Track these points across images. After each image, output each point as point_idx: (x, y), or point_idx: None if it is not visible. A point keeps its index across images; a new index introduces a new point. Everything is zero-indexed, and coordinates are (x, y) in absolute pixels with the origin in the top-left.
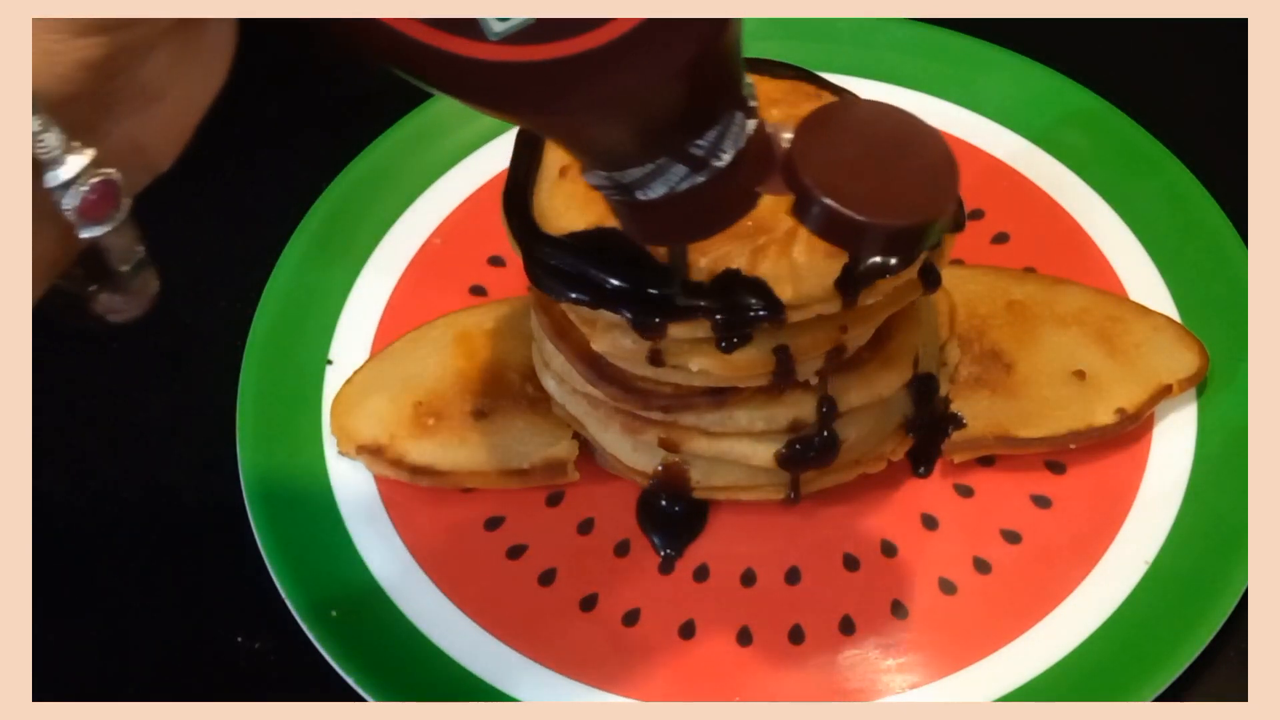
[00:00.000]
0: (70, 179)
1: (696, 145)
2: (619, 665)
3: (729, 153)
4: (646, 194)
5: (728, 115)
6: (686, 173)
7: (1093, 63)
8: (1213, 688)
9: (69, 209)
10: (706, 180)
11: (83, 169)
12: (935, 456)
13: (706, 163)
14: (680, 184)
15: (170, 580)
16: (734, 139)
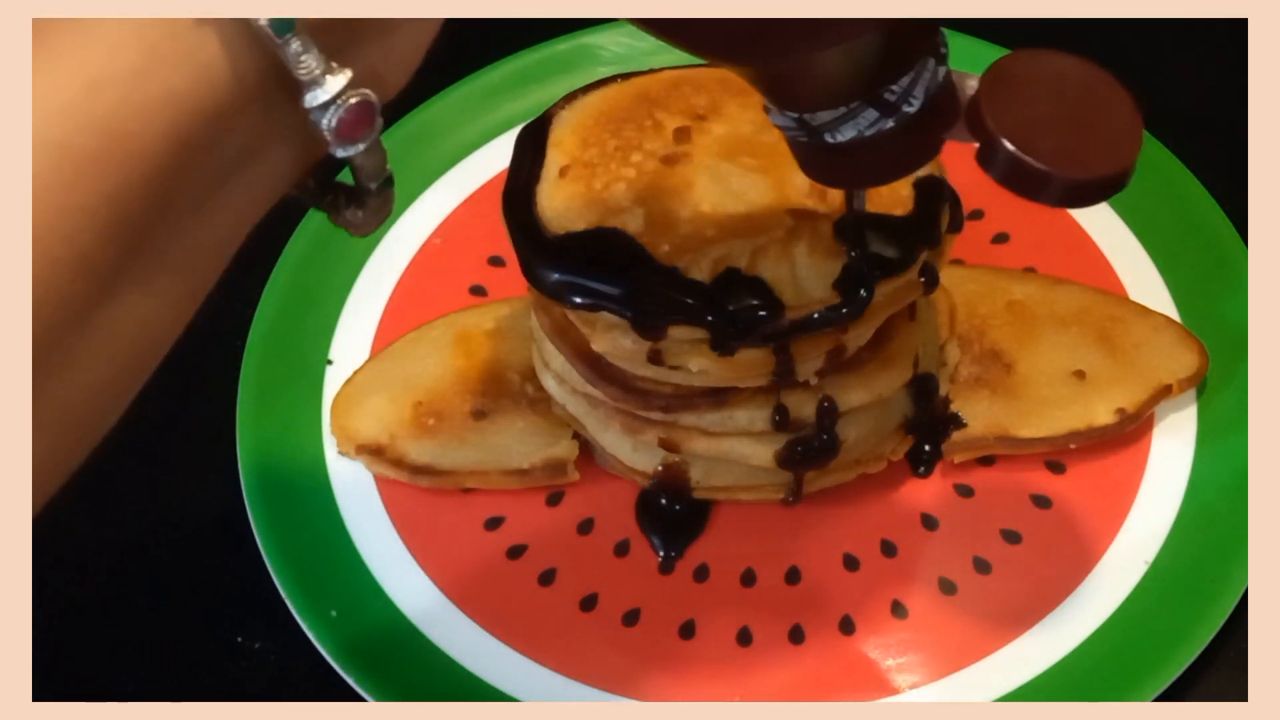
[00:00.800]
0: (329, 99)
1: (890, 90)
2: (619, 665)
3: (920, 99)
4: (835, 137)
5: (922, 61)
6: (877, 117)
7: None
8: (1213, 688)
9: (328, 128)
10: (896, 125)
11: (341, 89)
12: (935, 456)
13: (898, 108)
14: (869, 128)
15: (170, 580)
16: (925, 85)
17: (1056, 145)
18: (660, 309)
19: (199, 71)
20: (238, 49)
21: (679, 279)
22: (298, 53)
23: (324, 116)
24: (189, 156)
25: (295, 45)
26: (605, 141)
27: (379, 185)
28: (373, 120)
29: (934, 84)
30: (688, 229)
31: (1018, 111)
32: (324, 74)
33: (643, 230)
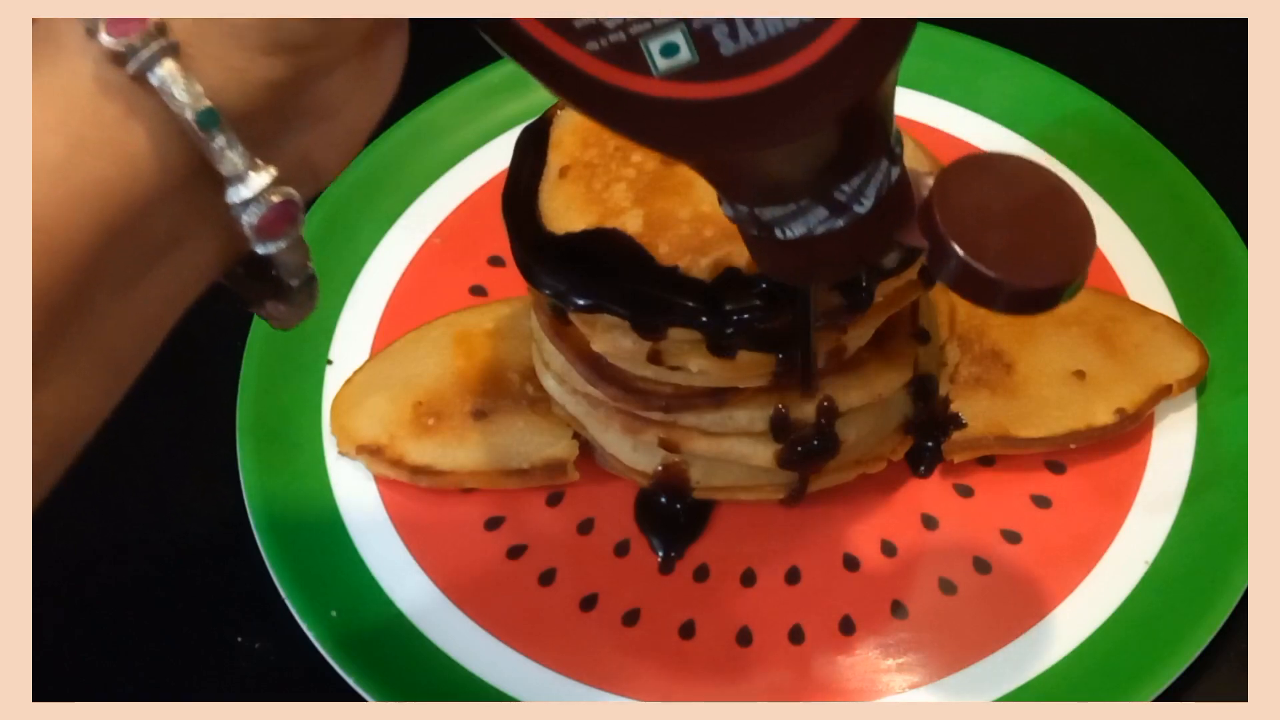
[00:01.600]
0: (251, 196)
1: (841, 190)
2: (619, 665)
3: (870, 199)
4: (784, 233)
5: (874, 162)
6: (827, 216)
7: (1093, 63)
8: (1213, 688)
9: (248, 225)
10: (845, 224)
11: (264, 187)
12: (935, 456)
13: (848, 208)
14: (819, 226)
15: (170, 580)
16: (877, 185)
17: (1007, 251)
18: (660, 310)
19: (125, 162)
20: (164, 139)
21: (679, 279)
22: (222, 147)
23: (245, 212)
24: (113, 244)
25: (220, 140)
26: (605, 142)
27: (301, 282)
28: (295, 218)
29: (886, 184)
30: (688, 229)
31: (970, 215)
32: (247, 169)
33: (642, 231)
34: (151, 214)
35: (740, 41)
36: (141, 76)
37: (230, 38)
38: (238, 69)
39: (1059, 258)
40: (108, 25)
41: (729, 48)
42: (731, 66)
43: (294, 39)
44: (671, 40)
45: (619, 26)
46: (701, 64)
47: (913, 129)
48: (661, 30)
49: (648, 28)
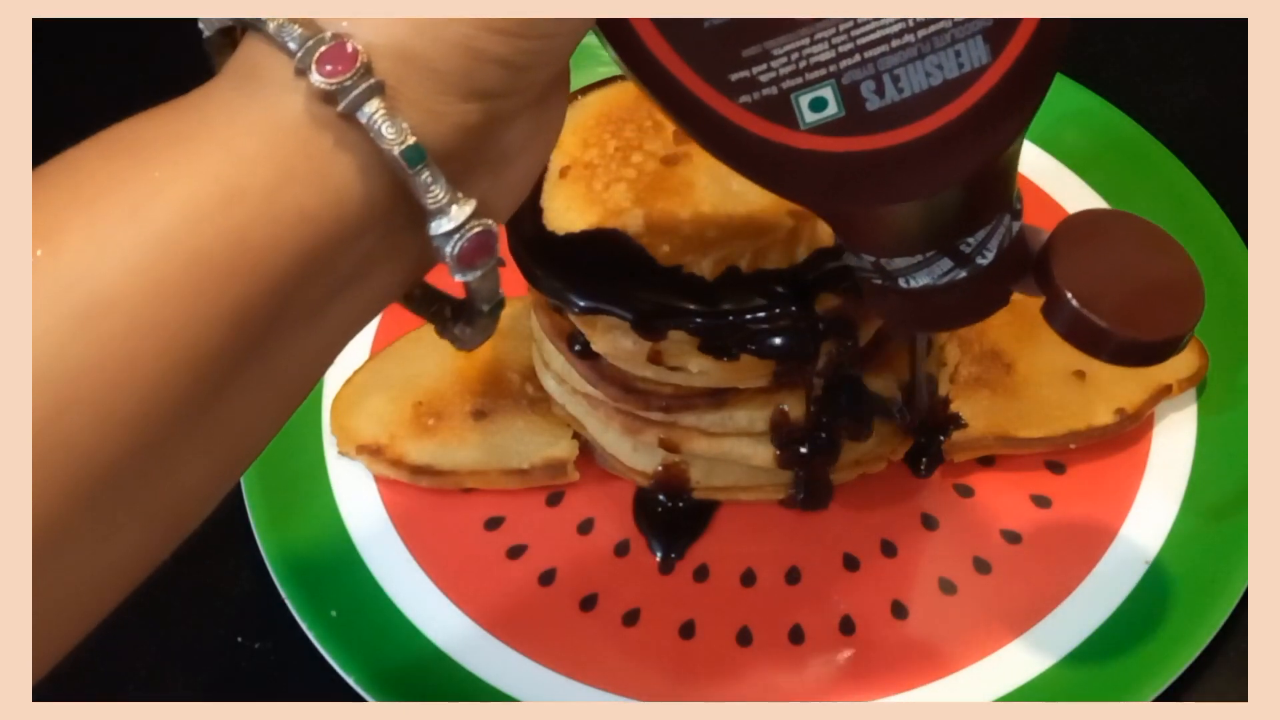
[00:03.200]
0: (454, 228)
1: (965, 243)
2: (619, 665)
3: (993, 251)
4: (909, 283)
5: (999, 216)
6: (951, 267)
7: (1093, 63)
8: (1213, 688)
9: (450, 255)
10: (968, 276)
11: (466, 218)
12: (935, 457)
13: (972, 260)
14: (942, 278)
15: (170, 580)
16: (999, 239)
17: (1119, 305)
18: (661, 311)
19: (331, 193)
20: (369, 173)
21: (680, 280)
22: (427, 183)
23: (447, 244)
24: (311, 272)
25: (425, 175)
26: (605, 142)
27: (491, 307)
28: (492, 249)
29: (1008, 238)
30: (688, 230)
31: (1084, 269)
32: (450, 203)
33: (643, 231)
34: (348, 245)
35: (886, 97)
36: (350, 114)
37: (432, 81)
38: (436, 111)
39: (1168, 313)
40: (317, 65)
41: (875, 103)
42: (876, 121)
43: (489, 86)
44: (821, 95)
45: (772, 81)
46: (848, 117)
47: None
48: (812, 85)
49: (799, 82)
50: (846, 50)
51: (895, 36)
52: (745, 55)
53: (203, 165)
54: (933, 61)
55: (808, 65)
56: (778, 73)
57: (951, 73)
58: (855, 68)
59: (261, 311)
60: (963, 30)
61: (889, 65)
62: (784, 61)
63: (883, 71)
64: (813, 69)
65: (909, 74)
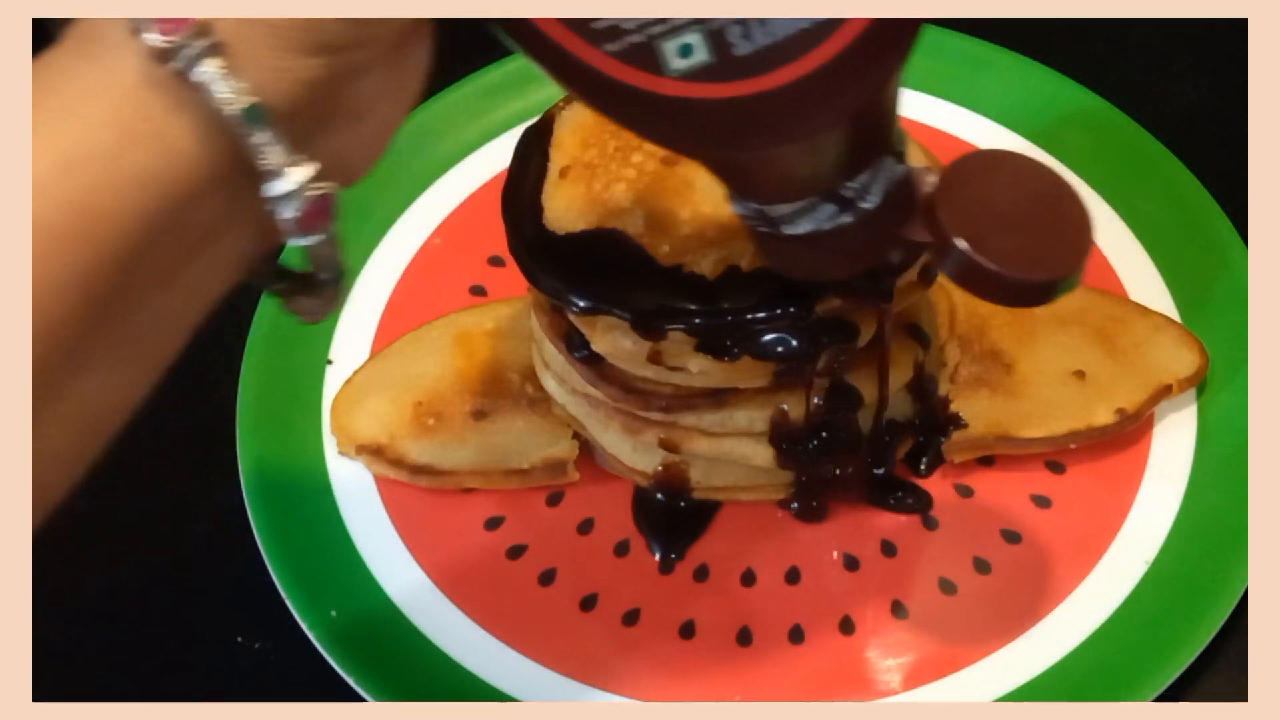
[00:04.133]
0: (290, 191)
1: (848, 187)
2: (619, 665)
3: (877, 195)
4: (792, 229)
5: (881, 159)
6: (835, 212)
7: (1093, 63)
8: (1213, 688)
9: (286, 218)
10: (853, 221)
11: (304, 181)
12: (935, 456)
13: (855, 204)
14: (826, 222)
15: (170, 580)
16: (883, 183)
17: (1008, 246)
18: (661, 311)
19: (172, 155)
20: (207, 134)
21: (680, 280)
22: (263, 143)
23: (284, 207)
24: (157, 236)
25: (261, 136)
26: (605, 142)
27: (332, 276)
28: (331, 213)
29: (891, 182)
30: (688, 230)
31: (972, 211)
32: (287, 165)
33: (643, 231)
34: (193, 207)
35: (754, 41)
36: (185, 73)
37: (272, 38)
38: (279, 68)
39: (1058, 252)
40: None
41: (743, 48)
42: (745, 66)
43: (332, 40)
44: (687, 41)
45: (638, 28)
46: (716, 64)
47: (913, 129)
48: (678, 31)
49: (665, 29)
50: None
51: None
52: None
53: (40, 133)
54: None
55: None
56: (642, 19)
57: (820, 16)
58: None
59: (109, 278)
60: None
61: (756, 9)
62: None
63: (749, 16)
64: (678, 14)
65: (776, 19)
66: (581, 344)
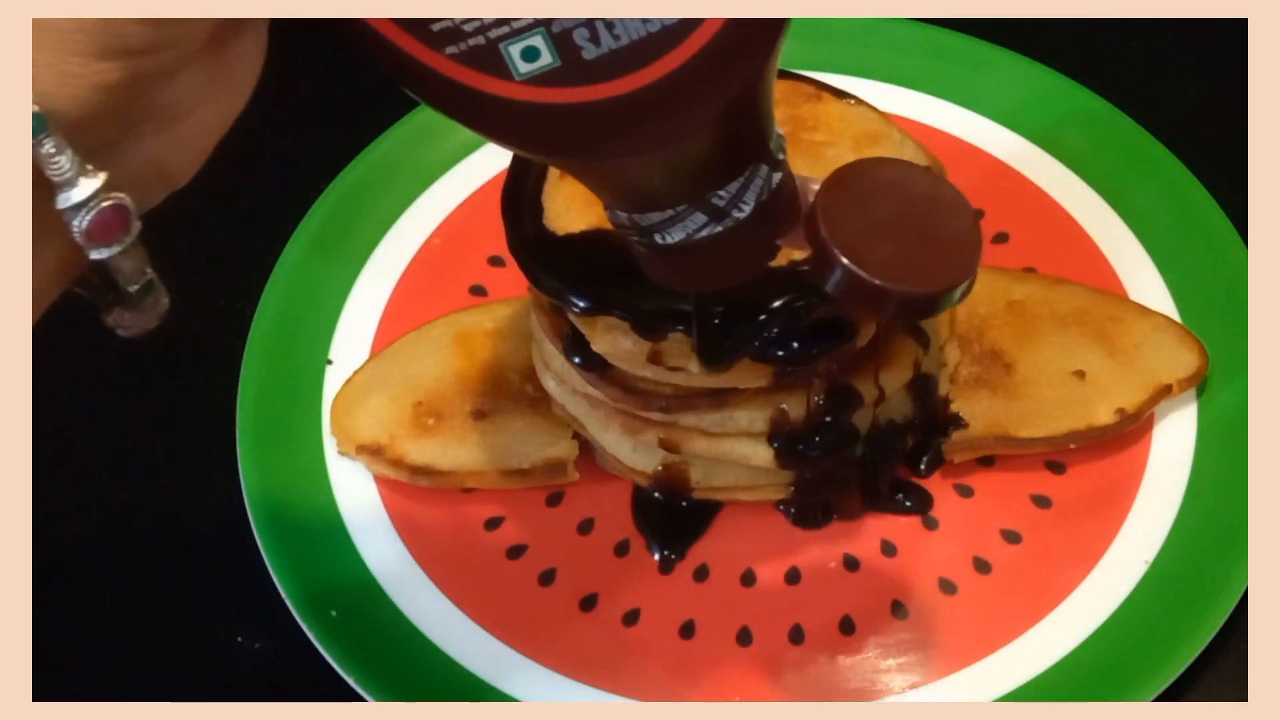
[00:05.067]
0: (81, 201)
1: (718, 195)
2: (619, 665)
3: (750, 205)
4: (664, 239)
5: (753, 167)
6: (705, 221)
7: (1093, 63)
8: (1213, 688)
9: (77, 230)
10: (725, 230)
11: (94, 192)
12: (935, 457)
13: (726, 213)
14: (698, 232)
15: (170, 580)
16: (756, 191)
17: (891, 258)
18: (661, 311)
19: None
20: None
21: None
22: (50, 154)
23: (74, 218)
24: None
25: (48, 146)
26: None
27: (139, 289)
28: (127, 224)
29: (766, 190)
30: None
31: (855, 222)
32: (77, 176)
33: None
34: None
35: (602, 45)
36: None
37: (61, 43)
38: (70, 74)
39: (944, 263)
40: None
41: (591, 51)
42: (594, 70)
43: (127, 43)
44: (531, 44)
45: (478, 30)
46: (564, 68)
47: (913, 129)
48: (521, 34)
49: (506, 31)
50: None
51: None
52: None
53: None
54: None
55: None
56: (483, 20)
57: (670, 19)
58: (565, 16)
59: None
60: None
61: (601, 11)
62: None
63: (596, 18)
64: (520, 16)
65: (624, 21)
66: (579, 348)
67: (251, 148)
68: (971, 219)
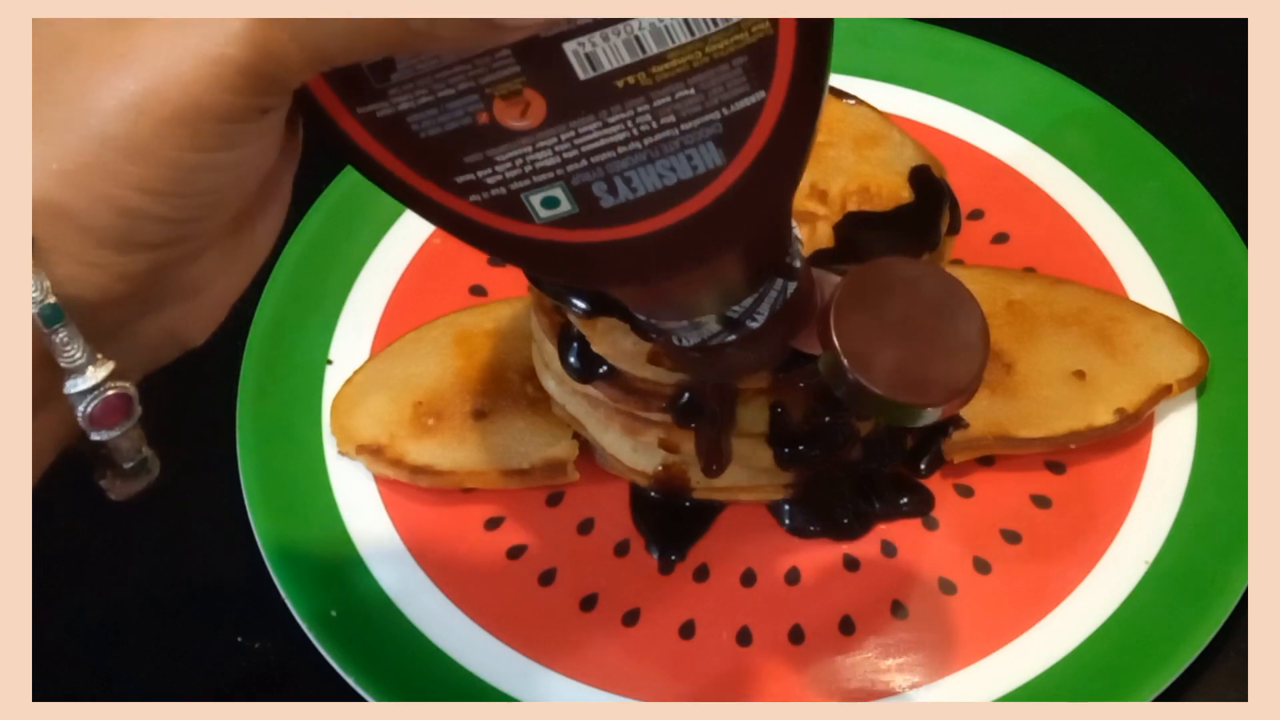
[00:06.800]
0: (87, 389)
1: (733, 310)
2: (619, 665)
3: (764, 315)
4: (681, 341)
5: (768, 283)
6: (720, 330)
7: (1093, 63)
8: (1213, 688)
9: (82, 414)
10: (739, 338)
11: (101, 380)
12: (935, 457)
13: (741, 324)
14: (713, 339)
15: (170, 580)
16: (771, 302)
17: (896, 367)
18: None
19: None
20: None
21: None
22: (64, 341)
23: (80, 403)
24: None
25: (62, 335)
26: None
27: (134, 465)
28: (129, 410)
29: (781, 300)
30: None
31: (863, 327)
32: (87, 364)
33: None
34: None
35: (619, 197)
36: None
37: (84, 236)
38: (94, 264)
39: (949, 371)
40: None
41: (608, 201)
42: (611, 217)
43: (150, 240)
44: (551, 195)
45: (499, 183)
46: (581, 214)
47: (913, 129)
48: (540, 187)
49: (527, 185)
50: (571, 156)
51: (621, 144)
52: (468, 161)
53: None
54: (664, 165)
55: (533, 169)
56: (504, 176)
57: (685, 174)
58: (583, 171)
59: None
60: (691, 138)
61: (619, 169)
62: (509, 166)
63: (613, 174)
64: (539, 173)
65: (640, 176)
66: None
67: None
68: (981, 326)
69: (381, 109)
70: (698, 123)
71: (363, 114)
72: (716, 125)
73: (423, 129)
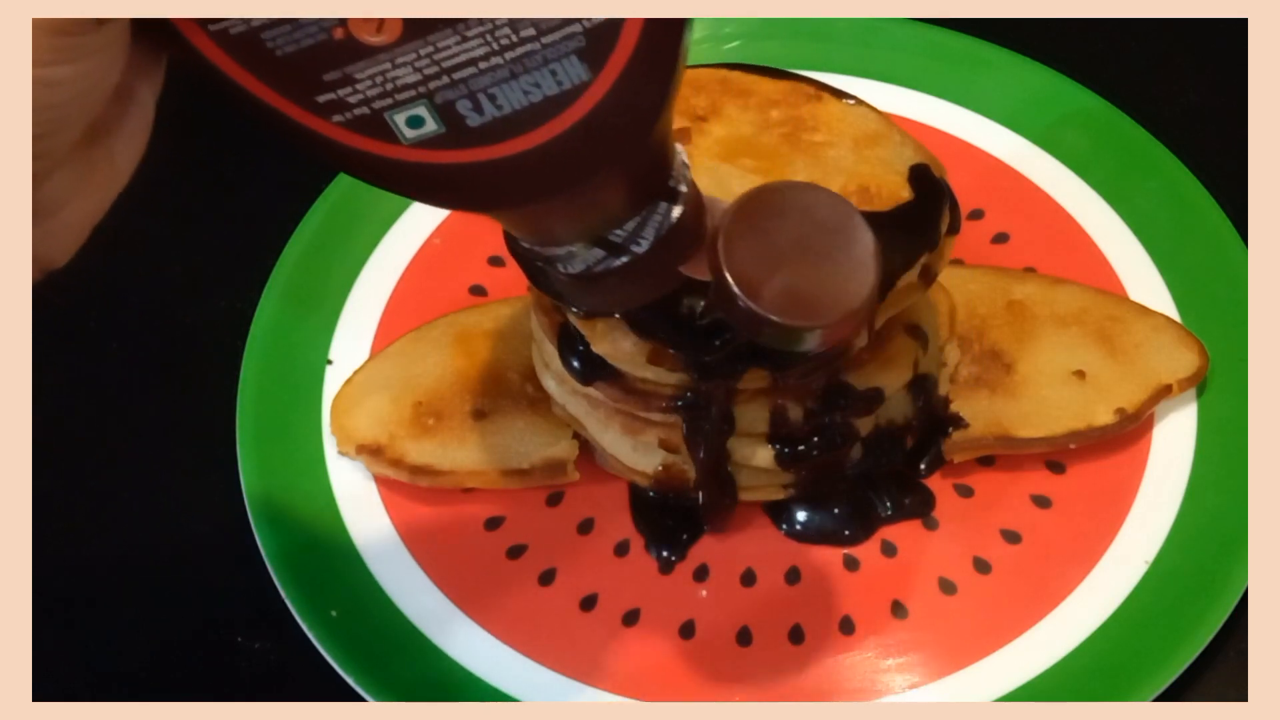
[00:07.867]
0: None
1: (615, 234)
2: (619, 665)
3: (648, 240)
4: (566, 269)
5: (650, 205)
6: (604, 256)
7: (1093, 63)
8: (1213, 688)
9: None
10: (624, 264)
11: None
12: (935, 457)
13: (625, 248)
14: (597, 265)
15: (170, 580)
16: (655, 227)
17: (786, 290)
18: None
19: None
20: None
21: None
22: None
23: None
24: None
25: None
26: None
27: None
28: None
29: (666, 224)
30: None
31: (755, 251)
32: None
33: None
34: None
35: (485, 115)
36: None
37: None
38: None
39: (840, 293)
40: None
41: (475, 120)
42: (478, 136)
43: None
44: (416, 114)
45: (361, 102)
46: (448, 134)
47: (912, 129)
48: (403, 105)
49: (390, 104)
50: (432, 73)
51: (482, 59)
52: (327, 80)
53: None
54: (529, 80)
55: (395, 87)
56: (365, 95)
57: (550, 90)
58: (446, 88)
59: None
60: (554, 51)
61: (482, 85)
62: (369, 84)
63: (476, 91)
64: (401, 90)
65: (505, 93)
66: (577, 352)
67: (252, 147)
68: (872, 249)
69: (234, 25)
70: (558, 35)
71: (215, 31)
72: (579, 39)
73: (278, 46)
